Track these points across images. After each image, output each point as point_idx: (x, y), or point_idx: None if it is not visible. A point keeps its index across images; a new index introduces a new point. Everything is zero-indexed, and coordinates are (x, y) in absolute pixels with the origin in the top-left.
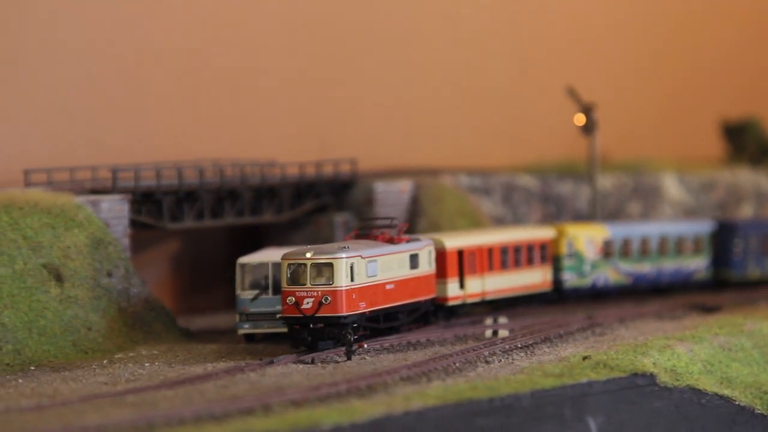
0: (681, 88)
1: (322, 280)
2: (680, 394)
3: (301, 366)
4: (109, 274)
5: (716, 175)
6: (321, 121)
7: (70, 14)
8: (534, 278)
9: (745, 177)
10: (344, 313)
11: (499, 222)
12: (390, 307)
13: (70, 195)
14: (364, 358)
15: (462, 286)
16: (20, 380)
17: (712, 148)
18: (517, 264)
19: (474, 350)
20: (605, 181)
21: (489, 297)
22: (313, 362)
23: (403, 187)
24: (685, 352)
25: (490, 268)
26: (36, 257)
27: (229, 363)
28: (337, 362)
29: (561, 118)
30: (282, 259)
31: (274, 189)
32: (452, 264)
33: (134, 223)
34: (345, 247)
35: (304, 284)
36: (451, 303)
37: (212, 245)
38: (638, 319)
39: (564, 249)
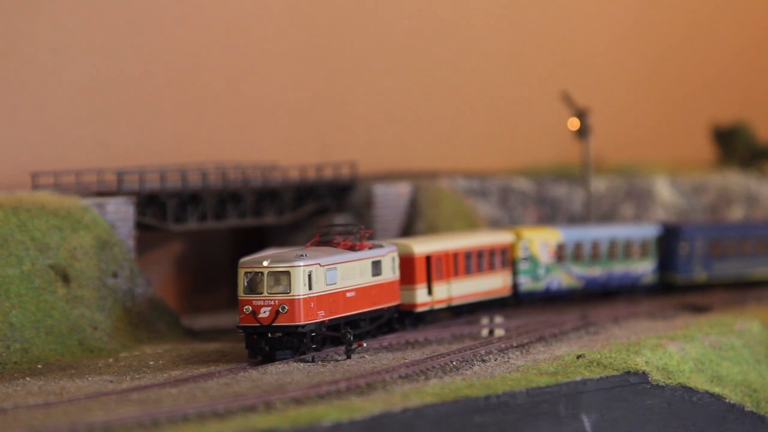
0: (673, 94)
1: (280, 289)
2: (672, 392)
3: (301, 364)
4: (115, 275)
5: (707, 178)
6: (321, 125)
7: (76, 21)
8: (495, 283)
9: (735, 180)
10: (302, 322)
11: (495, 224)
12: (351, 315)
13: (76, 197)
14: (364, 357)
15: (430, 292)
16: (28, 378)
17: (703, 151)
18: (479, 269)
19: (471, 349)
20: (599, 184)
21: (455, 303)
22: (313, 361)
23: (402, 189)
24: (677, 351)
25: (456, 273)
26: (43, 258)
27: (232, 362)
28: (337, 361)
29: (556, 122)
30: (239, 267)
31: (275, 191)
32: (420, 270)
33: (139, 225)
34: (303, 255)
35: (261, 293)
36: (419, 309)
37: (215, 246)
38: (631, 318)
39: (519, 253)
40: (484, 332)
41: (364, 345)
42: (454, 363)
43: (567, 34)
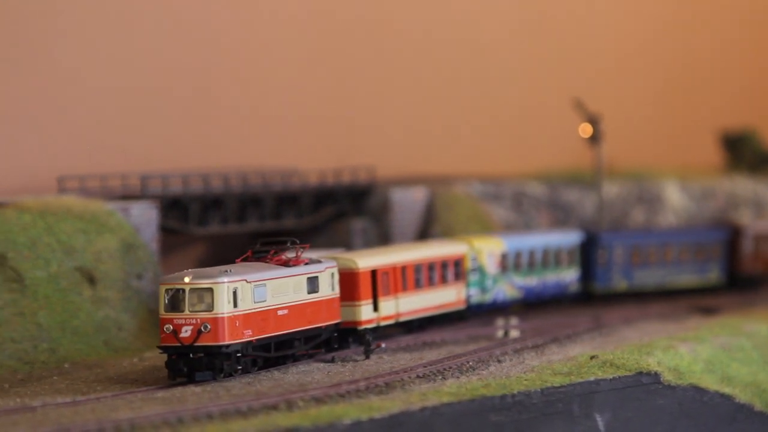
0: (683, 100)
1: (202, 307)
2: (683, 392)
3: (322, 364)
4: (139, 277)
5: (716, 183)
6: (340, 131)
7: (100, 30)
8: (448, 297)
9: (744, 185)
10: (226, 342)
11: (509, 227)
12: (283, 335)
13: (101, 201)
14: (382, 358)
15: (376, 308)
16: (55, 377)
17: (712, 157)
18: (431, 282)
19: (486, 350)
20: (611, 189)
21: (403, 318)
22: (333, 361)
23: (418, 194)
24: (688, 352)
25: (404, 288)
26: (70, 261)
27: None
28: (356, 361)
29: (568, 128)
30: (159, 284)
31: (295, 196)
32: (365, 285)
33: (163, 228)
34: (227, 271)
35: (183, 311)
36: (364, 327)
37: (236, 249)
38: (642, 320)
39: (468, 263)
40: (500, 333)
41: (383, 346)
42: (471, 363)
43: (580, 42)
